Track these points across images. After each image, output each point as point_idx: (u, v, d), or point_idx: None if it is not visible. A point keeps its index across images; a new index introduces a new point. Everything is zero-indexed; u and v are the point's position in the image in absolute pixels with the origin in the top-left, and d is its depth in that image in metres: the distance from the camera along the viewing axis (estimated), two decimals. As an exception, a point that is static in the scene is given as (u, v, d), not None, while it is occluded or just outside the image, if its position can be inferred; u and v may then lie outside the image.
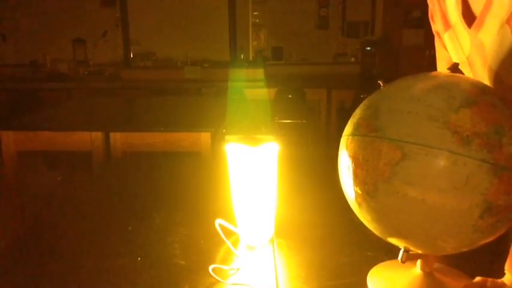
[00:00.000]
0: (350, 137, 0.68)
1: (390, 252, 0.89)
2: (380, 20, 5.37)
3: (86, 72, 5.23)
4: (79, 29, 5.41)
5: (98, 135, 2.33)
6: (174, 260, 0.85)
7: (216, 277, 0.78)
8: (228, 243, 0.88)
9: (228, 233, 0.90)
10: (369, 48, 5.05)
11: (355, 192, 0.66)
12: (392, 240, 0.69)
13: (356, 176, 0.65)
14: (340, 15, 5.41)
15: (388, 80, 0.74)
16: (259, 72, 4.87)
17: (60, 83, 4.86)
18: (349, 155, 0.67)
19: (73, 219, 1.08)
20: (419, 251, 0.70)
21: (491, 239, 0.64)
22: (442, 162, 0.58)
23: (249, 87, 4.49)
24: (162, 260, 0.86)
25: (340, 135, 0.74)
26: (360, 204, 0.67)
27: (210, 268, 0.80)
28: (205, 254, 0.88)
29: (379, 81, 0.71)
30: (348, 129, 0.69)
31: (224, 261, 0.85)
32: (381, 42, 5.23)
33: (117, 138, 2.34)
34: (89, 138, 2.33)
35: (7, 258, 0.89)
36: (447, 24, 0.86)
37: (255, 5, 5.47)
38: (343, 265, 0.84)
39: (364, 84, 4.68)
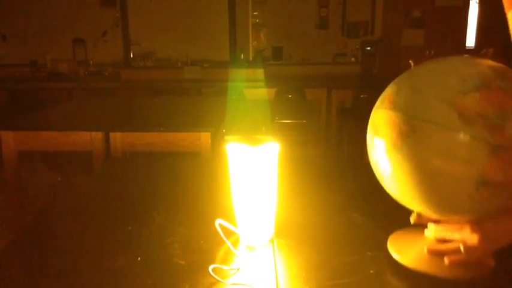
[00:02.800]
0: (376, 109, 0.77)
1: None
2: (380, 20, 5.38)
3: (86, 72, 5.23)
4: (79, 29, 5.41)
5: (98, 135, 2.33)
6: (174, 260, 0.85)
7: (216, 277, 0.78)
8: (228, 243, 0.88)
9: (228, 233, 0.90)
10: (369, 48, 5.06)
11: (375, 159, 0.77)
12: (407, 204, 0.78)
13: (376, 144, 0.75)
14: (340, 15, 5.41)
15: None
16: (259, 72, 4.87)
17: (60, 83, 4.86)
18: (372, 125, 0.77)
19: (73, 219, 1.08)
20: (430, 216, 0.77)
21: (490, 213, 0.70)
22: (445, 138, 0.66)
23: (249, 87, 4.49)
24: (162, 260, 0.86)
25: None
26: (378, 171, 0.78)
27: (210, 268, 0.80)
28: (205, 254, 0.88)
29: (410, 61, 0.80)
30: (377, 103, 0.78)
31: (224, 261, 0.85)
32: (381, 42, 5.23)
33: (117, 138, 2.34)
34: (89, 138, 2.33)
35: (7, 258, 0.89)
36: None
37: (255, 5, 5.47)
38: (343, 265, 0.84)
39: (364, 84, 4.68)
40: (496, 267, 0.78)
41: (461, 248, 0.74)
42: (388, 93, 0.76)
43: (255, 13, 5.50)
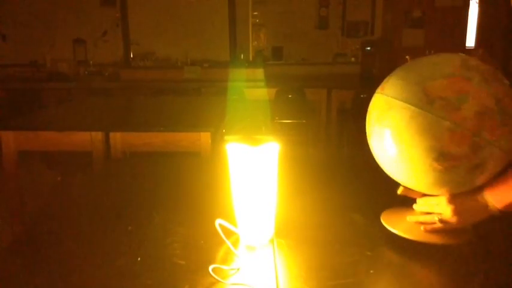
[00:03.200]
0: (374, 94, 0.91)
1: (390, 252, 0.89)
2: (380, 20, 5.37)
3: (86, 72, 5.23)
4: (79, 29, 5.41)
5: (98, 135, 2.33)
6: (174, 260, 0.85)
7: (216, 277, 0.78)
8: (228, 243, 0.88)
9: (228, 233, 0.90)
10: (369, 48, 5.05)
11: (368, 134, 0.91)
12: (389, 173, 0.90)
13: (368, 121, 0.90)
14: (340, 15, 5.41)
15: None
16: (259, 72, 4.86)
17: (60, 83, 4.86)
18: (370, 107, 0.91)
19: (73, 219, 1.08)
20: (414, 188, 0.90)
21: (451, 183, 0.83)
22: (410, 114, 0.80)
23: (249, 87, 4.48)
24: (162, 260, 0.86)
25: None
26: (370, 143, 0.91)
27: (210, 268, 0.80)
28: (205, 254, 0.88)
29: (407, 56, 0.98)
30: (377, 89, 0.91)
31: (224, 261, 0.85)
32: (381, 42, 5.22)
33: (117, 138, 2.34)
34: (89, 138, 2.33)
35: (7, 258, 0.89)
36: None
37: (255, 5, 5.47)
38: (343, 265, 0.84)
39: (364, 84, 4.68)
40: (474, 234, 0.89)
41: (436, 219, 0.88)
42: (384, 81, 0.90)
43: (255, 13, 5.49)
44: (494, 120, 0.77)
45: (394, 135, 0.82)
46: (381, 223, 0.98)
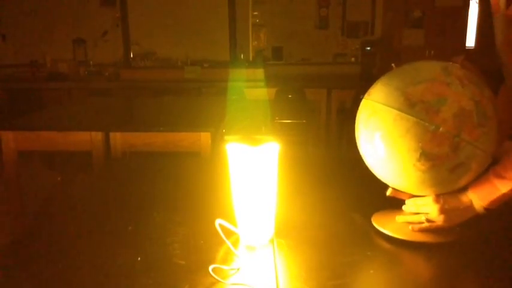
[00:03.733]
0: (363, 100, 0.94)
1: (390, 252, 0.89)
2: (380, 20, 5.37)
3: (86, 72, 5.23)
4: (79, 29, 5.41)
5: (98, 135, 2.33)
6: (174, 260, 0.85)
7: (216, 277, 0.78)
8: (228, 243, 0.88)
9: (228, 233, 0.90)
10: (369, 48, 5.05)
11: (356, 137, 0.95)
12: (378, 176, 0.94)
13: (356, 125, 0.95)
14: (340, 15, 5.41)
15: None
16: (259, 72, 4.86)
17: (60, 83, 4.86)
18: (358, 111, 0.95)
19: (73, 219, 1.08)
20: (402, 189, 0.94)
21: (436, 184, 0.87)
22: (393, 117, 0.84)
23: (249, 87, 4.48)
24: (162, 260, 0.86)
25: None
26: (358, 147, 0.95)
27: (210, 268, 0.80)
28: (205, 254, 0.88)
29: (392, 64, 0.95)
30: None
31: (224, 261, 0.85)
32: (381, 42, 5.23)
33: (117, 138, 2.34)
34: (89, 138, 2.33)
35: (7, 258, 0.89)
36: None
37: (255, 5, 5.47)
38: (343, 265, 0.84)
39: (364, 84, 4.67)
40: (462, 234, 0.92)
41: (423, 218, 0.92)
42: (370, 87, 0.94)
43: (255, 13, 5.49)
44: (472, 121, 0.82)
45: (379, 138, 0.86)
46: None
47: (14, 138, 2.36)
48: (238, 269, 0.82)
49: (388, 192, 0.96)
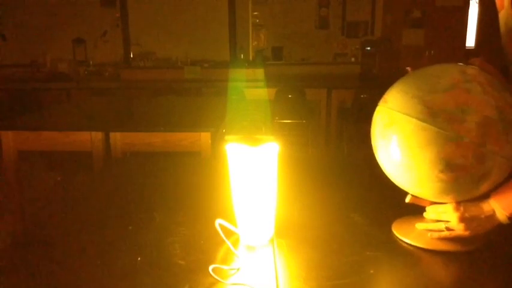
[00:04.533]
0: (377, 106, 0.92)
1: (389, 252, 0.89)
2: (380, 20, 5.37)
3: (86, 72, 5.23)
4: (79, 29, 5.41)
5: (98, 135, 2.33)
6: (174, 260, 0.85)
7: (216, 277, 0.78)
8: (228, 243, 0.88)
9: (228, 233, 0.90)
10: (369, 48, 5.05)
11: (374, 146, 0.92)
12: (396, 183, 0.91)
13: (373, 133, 0.92)
14: (340, 15, 5.41)
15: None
16: (259, 72, 4.86)
17: (60, 83, 4.86)
18: (373, 119, 0.93)
19: (73, 219, 1.08)
20: (422, 196, 0.91)
21: (457, 192, 0.84)
22: (414, 127, 0.81)
23: (249, 87, 4.48)
24: (162, 260, 0.86)
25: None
26: (376, 155, 0.92)
27: (210, 268, 0.80)
28: (205, 254, 0.88)
29: (407, 68, 0.93)
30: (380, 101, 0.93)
31: (224, 261, 0.85)
32: (381, 42, 5.22)
33: (117, 138, 2.34)
34: (89, 138, 2.33)
35: (7, 258, 0.89)
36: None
37: (255, 5, 5.47)
38: (343, 265, 0.84)
39: (364, 84, 4.68)
40: (484, 243, 0.89)
41: (443, 226, 0.89)
42: (386, 93, 0.91)
43: (255, 13, 5.49)
44: (497, 130, 0.79)
45: (399, 148, 0.84)
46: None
47: (14, 138, 2.36)
48: (238, 269, 0.82)
49: (408, 199, 0.93)
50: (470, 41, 5.44)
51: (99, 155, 2.33)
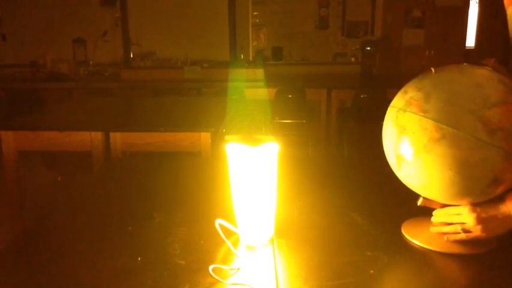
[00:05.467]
0: (402, 111, 0.85)
1: (390, 252, 0.89)
2: (380, 20, 5.37)
3: (86, 72, 5.23)
4: (79, 29, 5.41)
5: (98, 135, 2.33)
6: (174, 260, 0.85)
7: (216, 277, 0.78)
8: (228, 243, 0.88)
9: (228, 233, 0.90)
10: (369, 48, 5.06)
11: (397, 155, 0.87)
12: (418, 192, 0.89)
13: (400, 142, 0.85)
14: (340, 15, 5.41)
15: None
16: (259, 72, 4.86)
17: (60, 83, 4.86)
18: (397, 125, 0.86)
19: (73, 219, 1.08)
20: (436, 200, 0.90)
21: (473, 195, 0.84)
22: (470, 144, 0.78)
23: (249, 87, 4.48)
24: (162, 260, 0.86)
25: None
26: (399, 166, 0.87)
27: (210, 268, 0.80)
28: (205, 254, 0.88)
29: (431, 68, 0.87)
30: (399, 103, 0.87)
31: (224, 261, 0.85)
32: (381, 42, 5.23)
33: (117, 138, 2.34)
34: (89, 138, 2.33)
35: (7, 258, 0.89)
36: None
37: (255, 5, 5.47)
38: (343, 265, 0.84)
39: (364, 84, 4.68)
40: (496, 245, 0.89)
41: (459, 228, 0.88)
42: (413, 97, 0.85)
43: (255, 13, 5.50)
44: None
45: (447, 165, 0.80)
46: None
47: (14, 138, 2.36)
48: (238, 269, 0.82)
49: (419, 202, 0.92)
50: (470, 41, 5.44)
51: (99, 155, 2.33)
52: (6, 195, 2.46)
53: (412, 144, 0.83)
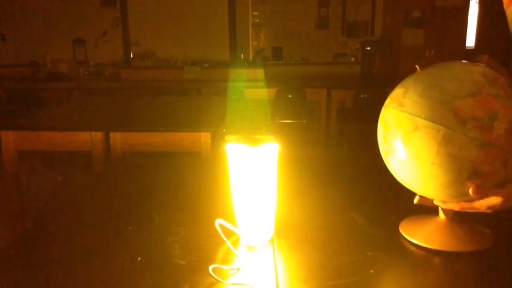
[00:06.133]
0: (385, 108, 0.88)
1: (390, 252, 0.89)
2: (380, 20, 5.38)
3: (86, 72, 5.24)
4: (79, 29, 5.41)
5: (98, 135, 2.33)
6: (174, 260, 0.85)
7: (216, 277, 0.78)
8: (228, 243, 0.88)
9: (228, 233, 0.90)
10: (369, 48, 5.06)
11: (383, 149, 0.89)
12: (410, 188, 0.89)
13: (385, 137, 0.87)
14: (340, 15, 5.41)
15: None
16: (259, 72, 4.87)
17: (60, 83, 4.87)
18: (382, 121, 0.89)
19: (73, 219, 1.08)
20: (431, 198, 0.89)
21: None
22: (443, 135, 0.78)
23: (249, 87, 4.49)
24: (162, 260, 0.86)
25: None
26: (386, 159, 0.89)
27: (210, 268, 0.80)
28: (205, 254, 0.88)
29: (416, 65, 0.88)
30: (387, 101, 0.89)
31: (224, 261, 0.85)
32: (381, 42, 5.23)
33: (117, 138, 2.34)
34: (89, 138, 2.33)
35: (7, 258, 0.89)
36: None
37: (255, 5, 5.48)
38: (343, 265, 0.84)
39: (364, 84, 4.68)
40: (495, 241, 0.89)
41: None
42: (396, 94, 0.87)
43: (255, 13, 5.50)
44: None
45: (424, 156, 0.80)
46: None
47: (14, 138, 2.36)
48: (238, 269, 0.82)
49: (416, 201, 0.92)
50: (470, 41, 5.44)
51: (99, 155, 2.33)
52: (6, 195, 2.46)
53: (392, 139, 0.85)
